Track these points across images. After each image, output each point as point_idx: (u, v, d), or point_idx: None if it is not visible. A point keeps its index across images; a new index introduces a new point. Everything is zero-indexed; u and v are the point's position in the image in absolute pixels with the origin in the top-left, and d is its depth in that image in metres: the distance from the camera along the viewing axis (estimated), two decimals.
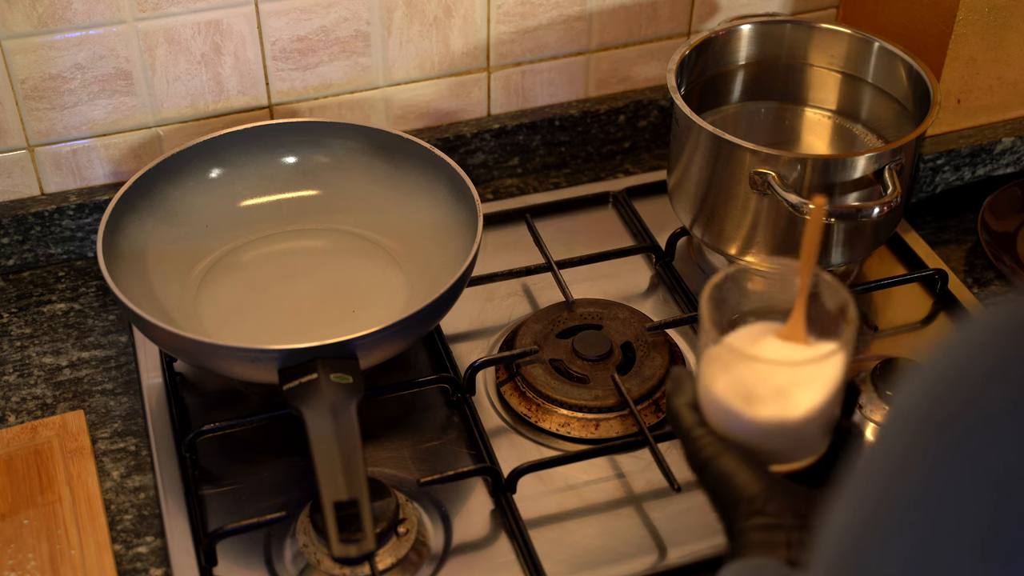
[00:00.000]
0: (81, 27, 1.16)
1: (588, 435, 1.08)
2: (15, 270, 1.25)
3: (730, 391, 0.77)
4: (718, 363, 0.78)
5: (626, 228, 1.32)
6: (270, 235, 1.21)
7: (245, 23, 1.21)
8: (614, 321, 1.16)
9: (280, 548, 0.99)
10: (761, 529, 0.75)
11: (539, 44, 1.34)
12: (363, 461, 0.92)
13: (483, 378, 1.14)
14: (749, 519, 0.75)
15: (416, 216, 1.19)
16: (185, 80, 1.23)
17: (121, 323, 1.20)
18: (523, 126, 1.36)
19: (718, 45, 1.25)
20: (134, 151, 1.26)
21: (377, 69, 1.29)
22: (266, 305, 1.14)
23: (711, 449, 0.78)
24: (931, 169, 1.34)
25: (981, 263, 1.28)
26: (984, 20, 1.27)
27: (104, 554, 0.98)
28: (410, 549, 0.98)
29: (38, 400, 1.12)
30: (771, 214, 1.13)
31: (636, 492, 1.05)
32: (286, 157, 1.23)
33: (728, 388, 0.78)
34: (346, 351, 0.98)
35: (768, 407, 0.77)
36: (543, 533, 1.01)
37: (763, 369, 0.77)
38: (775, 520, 0.74)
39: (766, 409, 0.77)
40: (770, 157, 1.09)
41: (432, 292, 1.03)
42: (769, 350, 0.78)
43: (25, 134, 1.21)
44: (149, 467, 1.07)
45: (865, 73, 1.24)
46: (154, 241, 1.15)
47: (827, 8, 1.42)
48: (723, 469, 0.77)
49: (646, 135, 1.41)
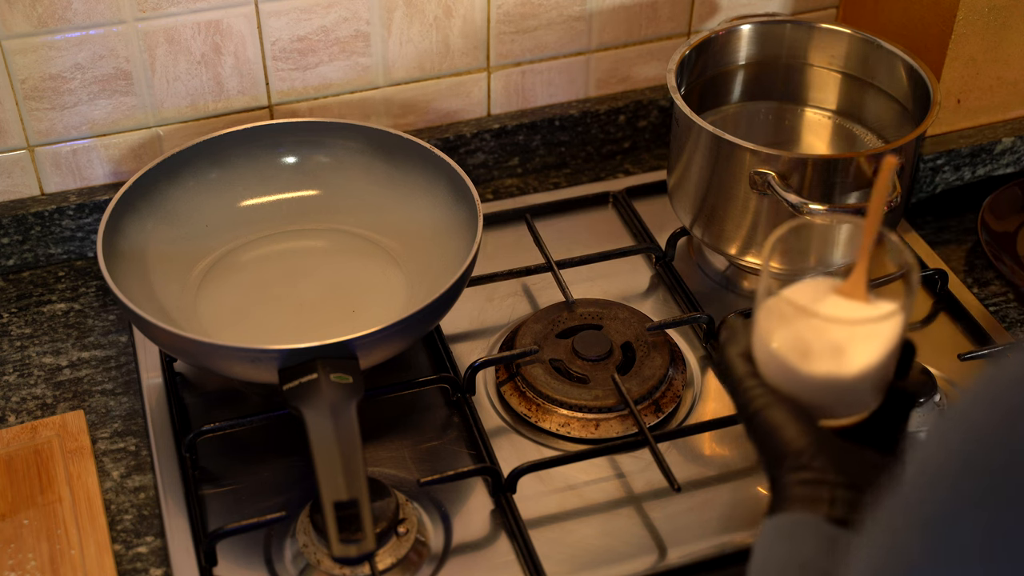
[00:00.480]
0: (81, 27, 1.16)
1: (588, 435, 1.08)
2: (15, 270, 1.25)
3: (786, 345, 0.77)
4: (776, 316, 0.78)
5: (626, 228, 1.32)
6: (270, 235, 1.21)
7: (245, 23, 1.21)
8: (614, 321, 1.16)
9: (280, 548, 0.99)
10: (805, 484, 0.74)
11: (539, 44, 1.34)
12: (363, 461, 0.92)
13: (483, 378, 1.14)
14: (794, 473, 0.75)
15: (416, 216, 1.19)
16: (185, 80, 1.23)
17: (121, 323, 1.20)
18: (523, 126, 1.36)
19: (718, 45, 1.25)
20: (134, 151, 1.26)
21: (377, 69, 1.29)
22: (266, 305, 1.14)
23: (762, 400, 0.77)
24: (931, 169, 1.34)
25: (981, 263, 1.28)
26: (984, 20, 1.27)
27: (104, 554, 0.98)
28: (410, 549, 0.98)
29: (38, 400, 1.12)
30: (771, 214, 1.13)
31: (636, 492, 1.05)
32: (286, 157, 1.23)
33: (784, 342, 0.77)
34: (346, 351, 0.98)
35: (824, 363, 0.76)
36: (543, 533, 1.01)
37: (821, 325, 0.76)
38: (819, 475, 0.74)
39: (821, 365, 0.76)
40: (770, 157, 1.09)
41: (432, 292, 1.03)
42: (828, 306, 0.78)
43: (25, 134, 1.21)
44: (149, 467, 1.07)
45: (865, 73, 1.24)
46: (154, 241, 1.15)
47: (827, 8, 1.42)
48: (772, 421, 0.76)
49: (646, 135, 1.41)
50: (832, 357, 0.76)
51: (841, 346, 0.76)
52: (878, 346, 0.77)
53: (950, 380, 1.13)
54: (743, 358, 0.80)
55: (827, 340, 0.76)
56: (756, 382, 0.79)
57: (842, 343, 0.76)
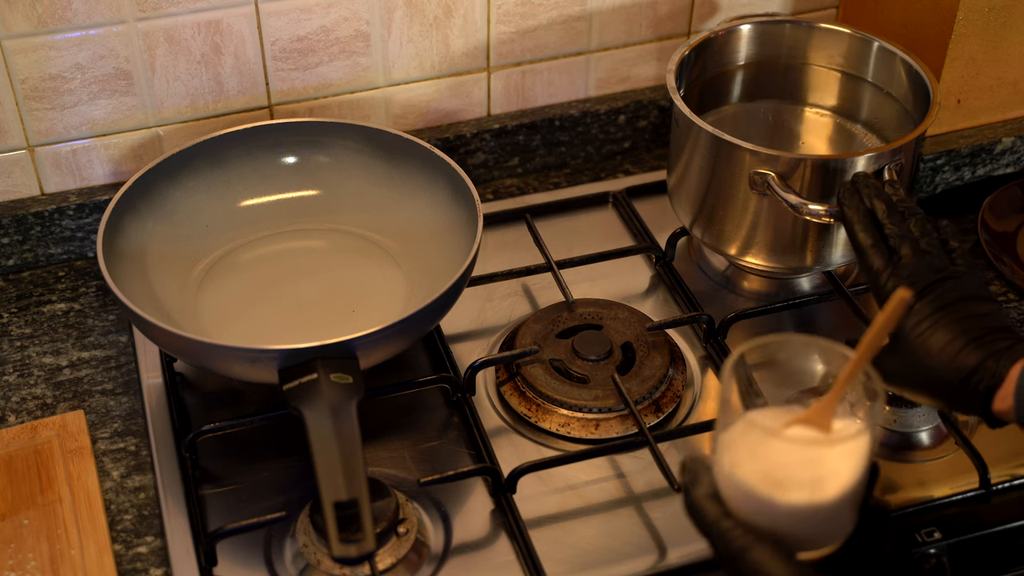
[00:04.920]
0: (81, 27, 1.16)
1: (588, 435, 1.08)
2: (15, 270, 1.25)
3: (757, 476, 0.74)
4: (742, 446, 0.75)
5: (626, 228, 1.32)
6: (270, 235, 1.21)
7: (245, 23, 1.21)
8: (614, 321, 1.16)
9: (280, 548, 0.99)
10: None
11: (539, 44, 1.34)
12: (363, 461, 0.92)
13: (483, 378, 1.14)
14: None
15: (416, 216, 1.19)
16: (185, 80, 1.23)
17: (121, 323, 1.20)
18: (523, 126, 1.36)
19: (718, 45, 1.25)
20: (134, 151, 1.26)
21: (377, 69, 1.29)
22: (266, 305, 1.14)
23: (741, 541, 0.75)
24: (931, 169, 1.34)
25: (981, 263, 1.28)
26: (984, 20, 1.27)
27: (104, 554, 0.98)
28: (410, 549, 0.98)
29: (38, 400, 1.12)
30: (771, 214, 1.13)
31: (636, 492, 1.05)
32: (286, 157, 1.23)
33: (755, 473, 0.74)
34: (346, 351, 0.98)
35: (801, 491, 0.74)
36: (543, 533, 1.01)
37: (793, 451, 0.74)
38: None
39: (799, 493, 0.74)
40: (770, 157, 1.09)
41: (432, 292, 1.03)
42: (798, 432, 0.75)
43: (25, 134, 1.21)
44: (149, 467, 1.07)
45: (865, 73, 1.24)
46: (154, 241, 1.15)
47: (827, 8, 1.42)
48: (756, 561, 0.74)
49: (646, 135, 1.41)
50: (809, 483, 0.74)
51: (817, 470, 0.74)
52: (853, 465, 0.75)
53: None
54: (711, 499, 0.77)
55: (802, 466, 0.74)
56: (731, 523, 0.76)
57: (817, 468, 0.74)
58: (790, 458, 0.74)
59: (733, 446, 0.76)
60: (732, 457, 0.76)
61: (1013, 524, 1.03)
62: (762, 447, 0.75)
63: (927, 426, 1.08)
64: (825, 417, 0.76)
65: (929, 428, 1.08)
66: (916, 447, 1.08)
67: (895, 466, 1.06)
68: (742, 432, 0.76)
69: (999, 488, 1.04)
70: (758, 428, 0.75)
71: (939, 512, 1.03)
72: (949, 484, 1.05)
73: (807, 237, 1.14)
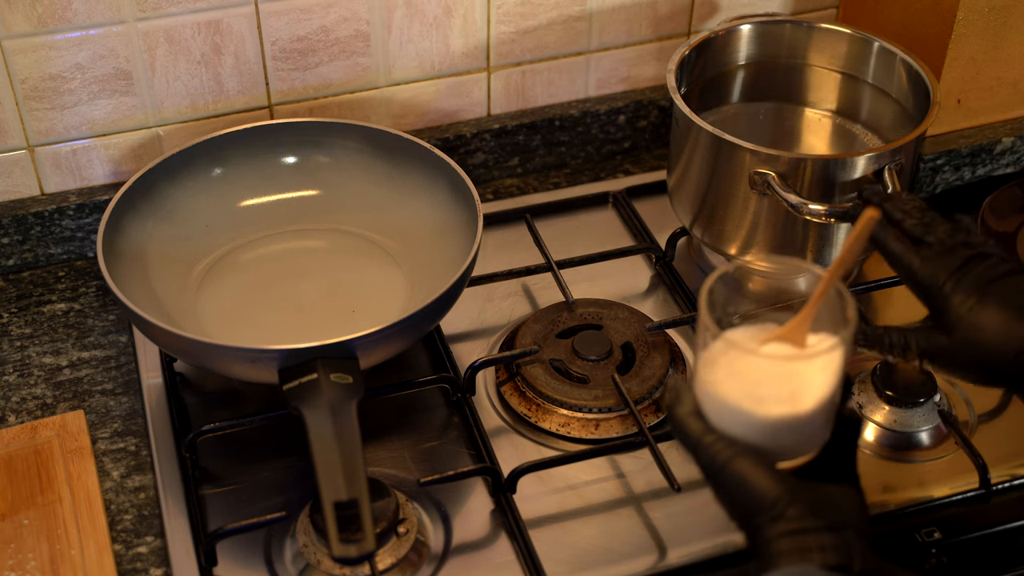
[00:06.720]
0: (81, 27, 1.16)
1: (588, 435, 1.08)
2: (15, 270, 1.25)
3: (738, 392, 0.77)
4: (722, 365, 0.77)
5: (626, 228, 1.32)
6: (270, 235, 1.21)
7: (245, 23, 1.21)
8: (614, 321, 1.16)
9: (280, 548, 0.99)
10: (788, 536, 0.73)
11: (539, 44, 1.34)
12: (363, 461, 0.92)
13: (483, 378, 1.14)
14: (773, 525, 0.74)
15: (416, 216, 1.19)
16: (185, 80, 1.23)
17: (121, 323, 1.20)
18: (523, 126, 1.36)
19: (718, 45, 1.25)
20: (134, 151, 1.26)
21: (377, 69, 1.29)
22: (266, 305, 1.14)
23: (726, 453, 0.76)
24: (931, 169, 1.34)
25: None
26: (984, 20, 1.27)
27: (104, 554, 0.99)
28: (410, 549, 0.98)
29: (38, 400, 1.12)
30: (771, 214, 1.13)
31: (636, 492, 1.05)
32: (286, 157, 1.23)
33: (736, 389, 0.77)
34: (346, 351, 0.98)
35: (780, 404, 0.76)
36: (543, 533, 1.01)
37: (772, 366, 0.76)
38: (799, 524, 0.73)
39: (778, 407, 0.76)
40: (770, 157, 1.09)
41: (432, 292, 1.04)
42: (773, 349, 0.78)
43: (25, 134, 1.21)
44: (149, 467, 1.07)
45: (865, 73, 1.24)
46: (154, 241, 1.15)
47: (827, 8, 1.42)
48: (741, 472, 0.76)
49: (646, 135, 1.42)
50: (788, 397, 0.76)
51: (795, 384, 0.76)
52: (828, 378, 0.77)
53: (950, 380, 1.13)
54: (694, 416, 0.79)
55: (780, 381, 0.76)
56: (715, 436, 0.77)
57: (795, 381, 0.76)
58: (768, 374, 0.76)
59: (713, 364, 0.78)
60: (712, 375, 0.78)
61: (1013, 524, 1.03)
62: (740, 364, 0.77)
63: (927, 426, 1.08)
64: (799, 333, 0.78)
65: (929, 428, 1.08)
66: (916, 447, 1.08)
67: (895, 466, 1.06)
68: (720, 351, 0.78)
69: (999, 488, 1.04)
70: (736, 346, 0.77)
71: (939, 512, 1.03)
72: (949, 484, 1.05)
73: (807, 237, 1.14)
